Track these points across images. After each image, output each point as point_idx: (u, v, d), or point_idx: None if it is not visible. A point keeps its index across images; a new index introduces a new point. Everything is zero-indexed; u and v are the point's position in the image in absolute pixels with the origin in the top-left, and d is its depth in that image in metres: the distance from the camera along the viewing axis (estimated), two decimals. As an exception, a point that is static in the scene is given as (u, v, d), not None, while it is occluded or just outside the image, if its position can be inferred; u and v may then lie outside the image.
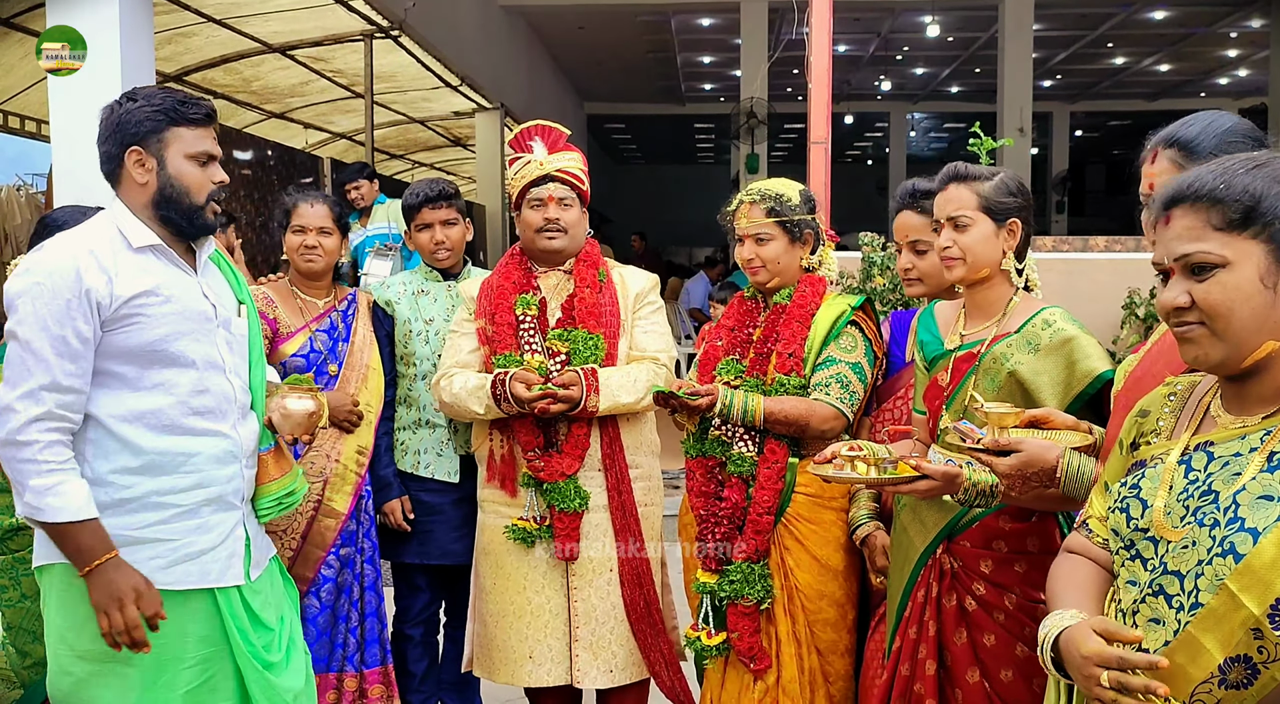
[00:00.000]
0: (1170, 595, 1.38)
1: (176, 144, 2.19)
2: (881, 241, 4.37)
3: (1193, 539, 1.36)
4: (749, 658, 2.58)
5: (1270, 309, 1.38)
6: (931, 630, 2.28)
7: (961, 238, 2.25)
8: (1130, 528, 1.46)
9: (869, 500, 2.63)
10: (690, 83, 19.94)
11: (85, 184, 4.79)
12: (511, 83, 13.22)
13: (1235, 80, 19.46)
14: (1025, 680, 2.17)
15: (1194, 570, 1.35)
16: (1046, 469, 1.79)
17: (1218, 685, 1.32)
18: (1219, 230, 1.40)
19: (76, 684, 2.15)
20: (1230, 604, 1.30)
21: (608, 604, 2.93)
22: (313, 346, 3.07)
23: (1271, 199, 1.37)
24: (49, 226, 2.59)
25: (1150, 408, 1.58)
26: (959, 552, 2.27)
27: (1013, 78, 14.65)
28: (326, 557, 3.04)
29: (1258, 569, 1.28)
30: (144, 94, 2.20)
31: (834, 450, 2.01)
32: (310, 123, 12.53)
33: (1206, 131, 1.81)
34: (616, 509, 2.94)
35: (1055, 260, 5.53)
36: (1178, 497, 1.42)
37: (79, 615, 2.13)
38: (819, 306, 2.67)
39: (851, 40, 16.66)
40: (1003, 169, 2.32)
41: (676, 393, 2.56)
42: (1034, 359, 2.16)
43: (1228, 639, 1.31)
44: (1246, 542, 1.30)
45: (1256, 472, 1.34)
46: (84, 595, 2.09)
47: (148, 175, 2.19)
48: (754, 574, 2.57)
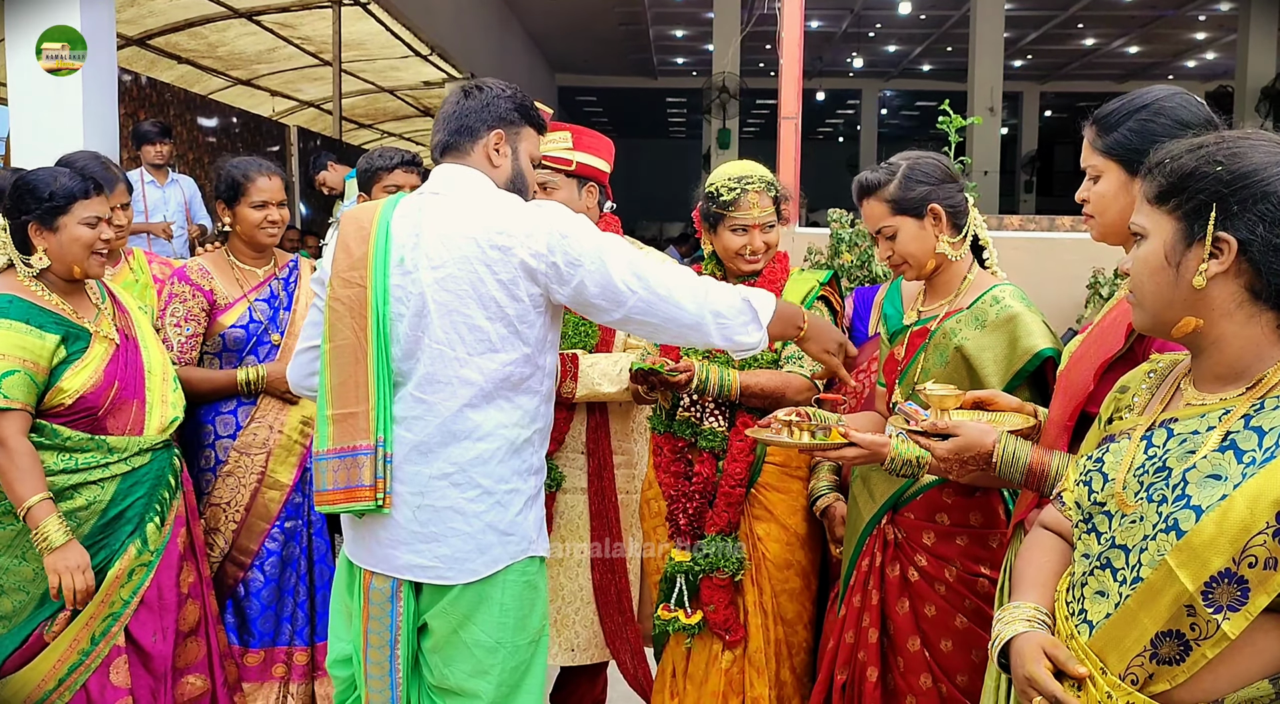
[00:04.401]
0: (1116, 569, 1.39)
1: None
2: (850, 218, 4.37)
3: (1141, 514, 1.38)
4: (724, 630, 2.60)
5: (1173, 286, 1.39)
6: (875, 599, 2.31)
7: (895, 245, 2.28)
8: (1090, 501, 1.48)
9: (829, 472, 2.66)
10: (662, 56, 19.85)
11: (43, 148, 4.70)
12: (482, 53, 13.10)
13: (1203, 63, 19.64)
14: (964, 650, 2.22)
15: (1139, 545, 1.36)
16: (983, 453, 1.81)
17: (1149, 659, 1.34)
18: (1149, 203, 1.43)
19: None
20: (1167, 579, 1.31)
21: (575, 585, 2.93)
22: (252, 317, 3.03)
23: (1193, 179, 1.37)
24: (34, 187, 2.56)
25: (1130, 384, 1.58)
26: (903, 523, 2.31)
27: (983, 57, 14.71)
28: (271, 529, 3.02)
29: (1196, 546, 1.29)
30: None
31: (774, 415, 2.06)
32: (277, 90, 12.37)
33: (1121, 108, 1.82)
34: (595, 494, 2.92)
35: (1021, 239, 5.57)
36: (1134, 472, 1.43)
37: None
38: (785, 282, 2.68)
39: (824, 16, 16.64)
40: (908, 157, 2.31)
41: (656, 369, 2.56)
42: (980, 335, 2.18)
43: (1162, 614, 1.32)
44: (1190, 518, 1.31)
45: (1209, 450, 1.35)
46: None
47: None
48: (728, 546, 2.59)
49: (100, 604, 2.56)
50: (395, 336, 2.04)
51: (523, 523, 2.08)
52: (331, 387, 2.06)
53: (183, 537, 2.74)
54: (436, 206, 2.08)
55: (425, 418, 2.04)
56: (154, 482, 2.67)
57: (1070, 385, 1.83)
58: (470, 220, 2.03)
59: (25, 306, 2.53)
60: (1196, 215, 1.36)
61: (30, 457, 2.47)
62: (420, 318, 2.03)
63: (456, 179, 2.13)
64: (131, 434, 2.63)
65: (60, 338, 2.54)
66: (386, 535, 2.06)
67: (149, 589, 2.64)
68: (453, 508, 2.03)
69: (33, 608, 2.53)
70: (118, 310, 2.75)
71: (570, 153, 2.90)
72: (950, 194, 2.27)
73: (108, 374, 2.60)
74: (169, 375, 2.76)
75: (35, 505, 2.45)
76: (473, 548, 2.04)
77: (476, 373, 2.02)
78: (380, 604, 2.09)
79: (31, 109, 5.42)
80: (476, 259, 2.01)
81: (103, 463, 2.58)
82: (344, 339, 2.05)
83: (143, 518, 2.63)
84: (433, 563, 2.04)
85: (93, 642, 2.56)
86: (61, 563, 2.46)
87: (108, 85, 5.65)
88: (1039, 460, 1.77)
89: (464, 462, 2.03)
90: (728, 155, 14.08)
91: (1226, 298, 1.37)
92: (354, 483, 2.03)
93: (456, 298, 2.01)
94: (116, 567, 2.57)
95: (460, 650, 2.07)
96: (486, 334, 2.02)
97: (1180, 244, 1.38)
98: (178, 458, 2.78)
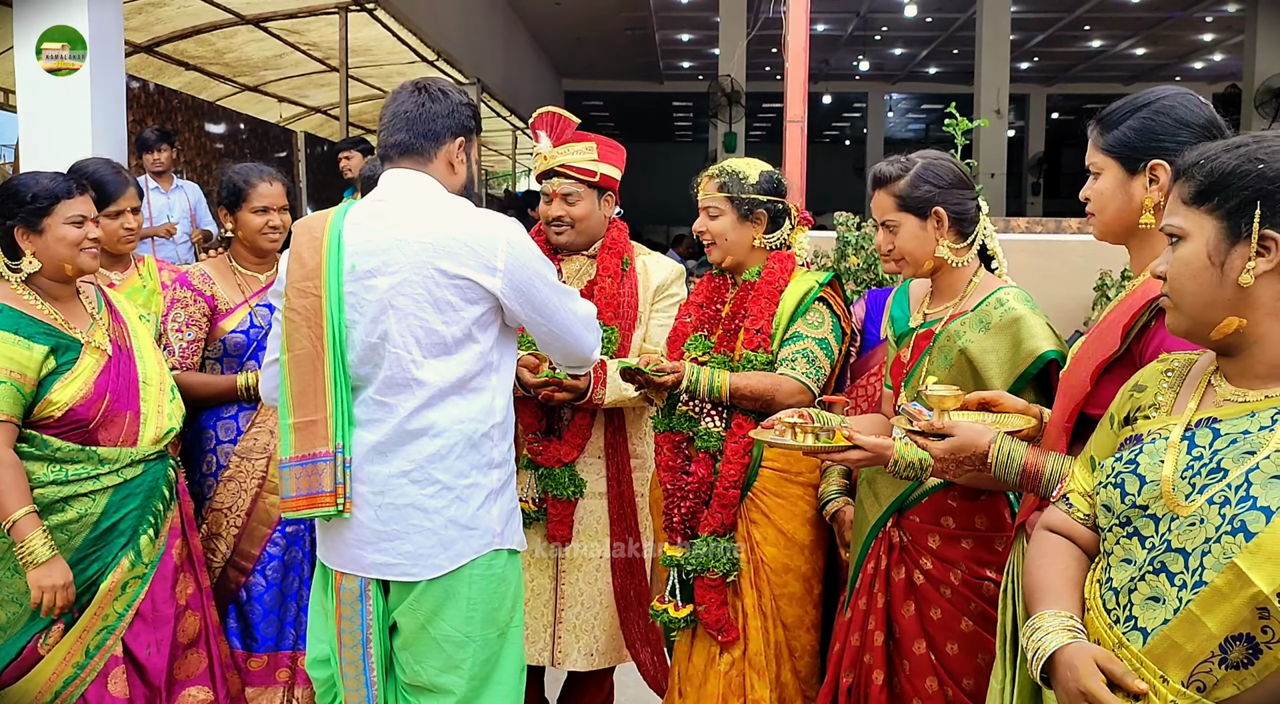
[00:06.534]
0: (1173, 573, 1.36)
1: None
2: (856, 221, 4.37)
3: (1200, 517, 1.35)
4: (716, 630, 2.60)
5: (1217, 286, 1.38)
6: (880, 602, 2.31)
7: (895, 240, 2.29)
8: (1126, 504, 1.45)
9: (839, 476, 2.65)
10: (669, 61, 19.87)
11: (52, 154, 4.73)
12: (489, 58, 13.13)
13: (1210, 64, 19.60)
14: (970, 653, 2.21)
15: (1200, 548, 1.33)
16: (979, 454, 1.81)
17: (1218, 665, 1.31)
18: (1185, 204, 1.42)
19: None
20: (1237, 582, 1.29)
21: (595, 589, 2.93)
22: (253, 322, 3.03)
23: (1234, 177, 1.37)
24: (16, 191, 2.56)
25: (1146, 383, 1.57)
26: (908, 526, 2.30)
27: (990, 59, 14.70)
28: (272, 534, 3.01)
29: (1269, 548, 1.27)
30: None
31: (778, 417, 2.07)
32: (284, 96, 12.40)
33: (1123, 107, 1.83)
34: (614, 498, 2.93)
35: (1028, 242, 5.55)
36: (1181, 473, 1.40)
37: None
38: (787, 284, 2.67)
39: (830, 19, 16.65)
40: (925, 156, 2.32)
41: (643, 369, 2.56)
42: (983, 337, 2.18)
43: (1231, 618, 1.30)
44: (1259, 520, 1.28)
45: (1271, 450, 1.33)
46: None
47: None
48: (719, 547, 2.59)
49: (94, 617, 2.54)
50: (350, 343, 2.09)
51: (485, 517, 2.11)
52: (292, 395, 2.10)
53: (179, 548, 2.72)
54: (390, 213, 2.11)
55: (384, 420, 2.08)
56: (147, 493, 2.63)
57: (1069, 387, 1.83)
58: (422, 226, 2.07)
59: (14, 316, 2.49)
60: (1240, 214, 1.36)
61: (15, 469, 2.44)
62: (376, 323, 2.07)
63: (406, 185, 2.16)
64: (125, 445, 2.59)
65: (49, 349, 2.50)
66: (352, 536, 2.10)
67: (143, 602, 2.61)
68: (413, 505, 2.07)
69: (26, 620, 2.51)
70: (113, 320, 2.71)
71: (595, 164, 2.91)
72: (959, 199, 2.27)
73: (98, 386, 2.56)
74: (166, 386, 2.73)
75: (20, 519, 2.42)
76: (435, 543, 2.07)
77: (433, 374, 2.07)
78: (350, 604, 2.13)
79: (40, 115, 5.46)
80: (430, 264, 2.04)
81: (94, 474, 2.54)
82: (301, 348, 2.09)
83: (136, 530, 2.60)
84: (397, 560, 2.08)
85: (87, 655, 2.55)
86: (47, 580, 2.43)
87: (116, 92, 5.68)
88: (1033, 462, 1.77)
89: (421, 459, 2.07)
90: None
91: (1272, 296, 1.37)
92: (315, 489, 2.08)
93: (413, 302, 2.05)
94: (109, 579, 2.55)
95: (429, 646, 2.10)
96: (442, 337, 2.06)
97: (1224, 243, 1.37)
98: (173, 469, 2.74)
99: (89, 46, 5.38)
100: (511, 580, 2.18)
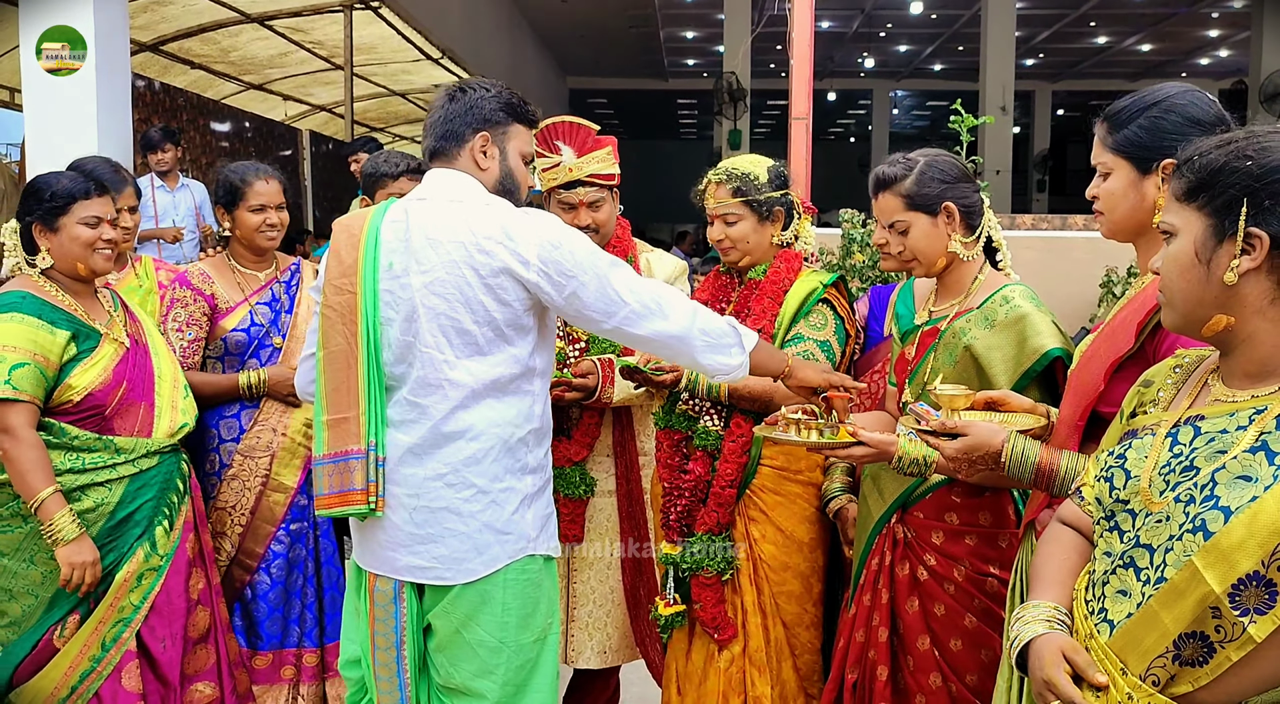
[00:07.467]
0: (1140, 568, 1.37)
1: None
2: (862, 218, 4.36)
3: (1167, 513, 1.36)
4: (713, 628, 2.60)
5: (1204, 283, 1.38)
6: (884, 598, 2.31)
7: (906, 241, 2.27)
8: (1111, 498, 1.46)
9: (843, 474, 2.65)
10: (673, 58, 19.85)
11: (58, 152, 4.73)
12: (493, 56, 13.13)
13: (1216, 61, 19.54)
14: (974, 650, 2.21)
15: (1164, 545, 1.34)
16: (992, 453, 1.81)
17: (1171, 660, 1.33)
18: (1177, 200, 1.42)
19: None
20: (1192, 580, 1.29)
21: (606, 587, 2.94)
22: (253, 320, 3.04)
23: (1223, 174, 1.36)
24: (38, 189, 2.61)
25: (1154, 378, 1.56)
26: (912, 522, 2.30)
27: (995, 56, 14.67)
28: (276, 532, 3.02)
29: (1225, 548, 1.27)
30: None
31: (781, 413, 2.07)
32: (289, 94, 12.41)
33: (1131, 105, 1.81)
34: (624, 497, 2.94)
35: (1034, 239, 5.53)
36: (1160, 470, 1.41)
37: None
38: (792, 283, 2.67)
39: (835, 16, 16.62)
40: (926, 154, 2.31)
41: (642, 368, 2.56)
42: (989, 335, 2.17)
43: (1185, 615, 1.30)
44: (1218, 519, 1.28)
45: (1240, 451, 1.33)
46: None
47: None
48: (715, 546, 2.59)
49: (110, 609, 2.57)
50: (386, 341, 2.08)
51: (520, 522, 2.09)
52: (326, 392, 2.10)
53: (191, 542, 2.75)
54: (425, 212, 2.10)
55: (419, 421, 2.06)
56: (162, 485, 2.68)
57: (1081, 385, 1.82)
58: (458, 225, 2.05)
59: (38, 303, 2.56)
60: (1227, 211, 1.35)
61: (40, 449, 2.49)
62: (410, 322, 2.06)
63: (445, 184, 2.15)
64: (140, 436, 2.64)
65: (71, 335, 2.57)
66: (386, 538, 2.09)
67: (159, 594, 2.64)
68: (448, 508, 2.05)
69: (42, 612, 2.54)
70: (129, 318, 2.78)
71: (615, 167, 2.91)
72: (966, 193, 2.27)
73: (116, 374, 2.62)
74: (179, 382, 2.78)
75: (48, 498, 2.47)
76: (470, 548, 2.06)
77: (465, 375, 2.05)
78: (384, 606, 2.11)
79: (46, 114, 5.47)
80: (463, 263, 2.03)
81: (110, 463, 2.59)
82: (336, 345, 2.09)
83: (151, 521, 2.64)
84: (431, 564, 2.06)
85: (104, 648, 2.57)
86: (76, 556, 2.48)
87: (121, 90, 5.69)
88: (1047, 460, 1.77)
89: (457, 462, 2.05)
90: (737, 156, 14.05)
91: (1259, 294, 1.36)
92: (347, 487, 2.06)
93: (444, 302, 2.04)
94: (125, 569, 2.58)
95: (464, 650, 2.09)
96: (474, 337, 2.04)
97: (1211, 240, 1.37)
98: (186, 463, 2.78)
99: (94, 45, 5.39)
100: (546, 586, 2.16)
